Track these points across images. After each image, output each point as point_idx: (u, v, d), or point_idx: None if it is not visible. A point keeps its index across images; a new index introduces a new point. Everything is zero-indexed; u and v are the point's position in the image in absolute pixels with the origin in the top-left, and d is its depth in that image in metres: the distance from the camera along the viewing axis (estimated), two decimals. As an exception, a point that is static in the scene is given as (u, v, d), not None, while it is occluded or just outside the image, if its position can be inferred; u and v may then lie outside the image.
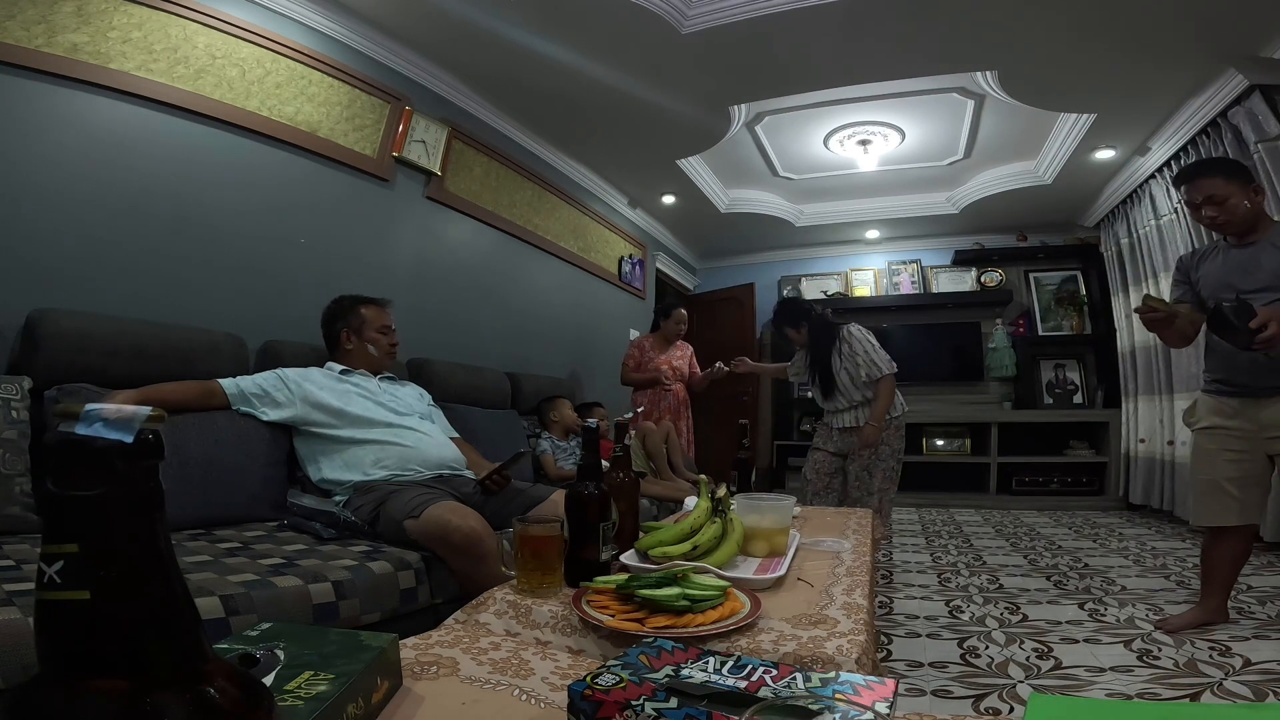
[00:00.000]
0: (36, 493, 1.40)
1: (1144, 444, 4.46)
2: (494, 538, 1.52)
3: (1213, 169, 1.97)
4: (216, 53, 2.24)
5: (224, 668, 0.34)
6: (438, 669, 0.72)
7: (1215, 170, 1.96)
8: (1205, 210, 1.93)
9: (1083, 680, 1.62)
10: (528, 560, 1.00)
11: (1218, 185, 1.91)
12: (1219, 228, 1.95)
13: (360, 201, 2.78)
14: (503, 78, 3.24)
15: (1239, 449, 1.93)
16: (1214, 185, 1.91)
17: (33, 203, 1.79)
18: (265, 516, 1.76)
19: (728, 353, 5.97)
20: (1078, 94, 3.42)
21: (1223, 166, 2.00)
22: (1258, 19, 2.70)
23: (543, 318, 3.99)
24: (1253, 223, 1.92)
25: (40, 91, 1.82)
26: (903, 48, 3.03)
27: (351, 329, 2.06)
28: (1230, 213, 1.90)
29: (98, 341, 1.67)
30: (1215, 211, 1.91)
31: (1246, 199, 1.90)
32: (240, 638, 0.62)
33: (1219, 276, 1.95)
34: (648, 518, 2.17)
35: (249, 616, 1.10)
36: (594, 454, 1.11)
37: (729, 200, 5.19)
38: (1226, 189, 1.90)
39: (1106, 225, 4.90)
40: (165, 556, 0.33)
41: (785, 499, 1.36)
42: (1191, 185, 1.96)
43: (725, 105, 3.61)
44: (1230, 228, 1.93)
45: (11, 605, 0.91)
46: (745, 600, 0.92)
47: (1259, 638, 1.88)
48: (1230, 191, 1.90)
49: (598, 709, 0.51)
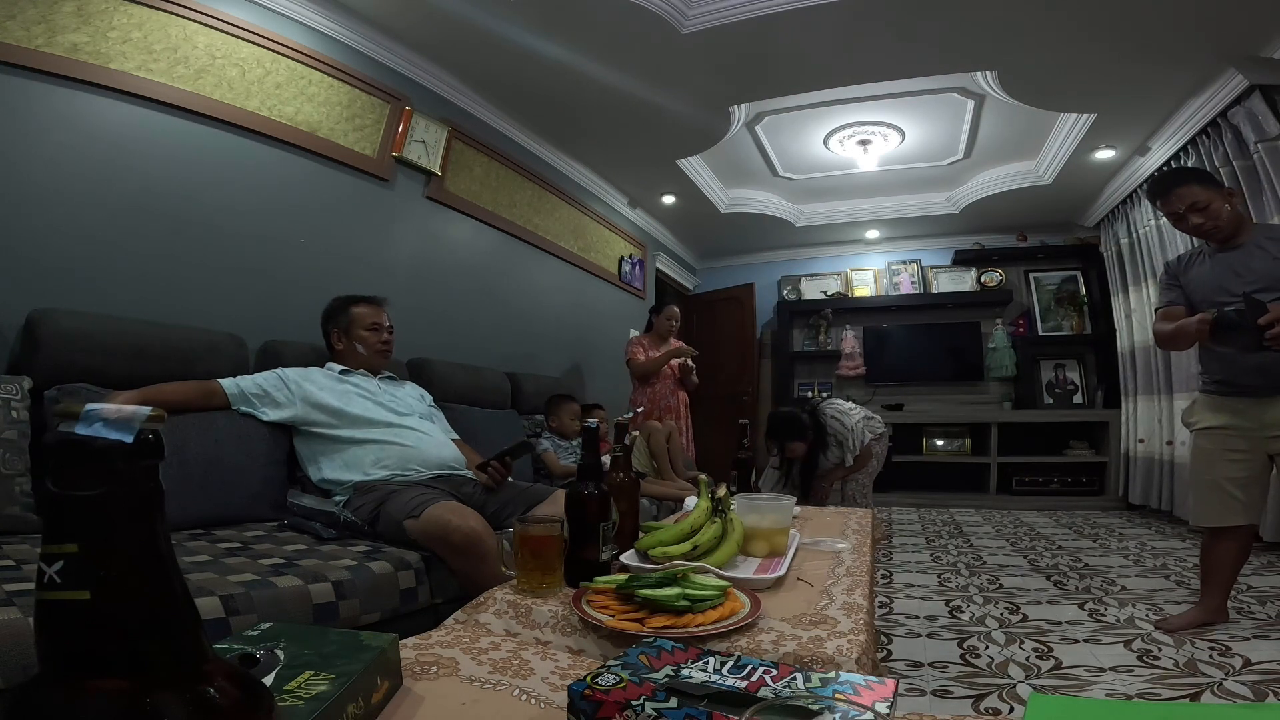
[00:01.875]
0: (36, 493, 1.40)
1: (1143, 444, 4.46)
2: (494, 538, 1.52)
3: (1187, 178, 1.98)
4: (216, 53, 2.24)
5: (224, 668, 0.34)
6: (438, 669, 0.72)
7: (1190, 179, 1.97)
8: (1192, 218, 1.93)
9: (1083, 680, 1.62)
10: (528, 560, 1.00)
11: (1196, 193, 1.91)
12: (1208, 234, 1.95)
13: (360, 201, 2.78)
14: (503, 78, 3.24)
15: (1240, 449, 1.93)
16: (1193, 193, 1.92)
17: (33, 203, 1.79)
18: (265, 516, 1.76)
19: (728, 352, 6.04)
20: (1078, 94, 3.42)
21: (1196, 175, 2.01)
22: (1258, 19, 2.70)
23: (543, 318, 3.99)
24: (1237, 226, 1.93)
25: (40, 91, 1.82)
26: (903, 48, 3.03)
27: (340, 328, 2.06)
28: (1216, 217, 1.91)
29: (98, 341, 1.67)
30: (1202, 218, 1.92)
31: (1226, 202, 1.92)
32: (240, 638, 0.62)
33: (1210, 281, 1.95)
34: (648, 518, 2.18)
35: (249, 616, 1.10)
36: (594, 454, 1.11)
37: (729, 200, 5.19)
38: (1206, 195, 1.91)
39: (1106, 225, 4.90)
40: (165, 556, 0.33)
41: (785, 499, 1.36)
42: (1170, 196, 1.96)
43: (725, 105, 3.61)
44: (1219, 233, 1.93)
45: (11, 605, 0.91)
46: (745, 600, 0.92)
47: (1259, 638, 1.88)
48: (1210, 197, 1.91)
49: (598, 709, 0.51)
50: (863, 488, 3.34)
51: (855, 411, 3.21)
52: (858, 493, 3.32)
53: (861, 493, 3.33)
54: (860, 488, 3.33)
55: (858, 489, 3.32)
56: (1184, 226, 1.99)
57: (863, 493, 3.33)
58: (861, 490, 3.33)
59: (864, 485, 3.34)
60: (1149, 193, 2.11)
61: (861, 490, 3.33)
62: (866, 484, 3.36)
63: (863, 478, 3.30)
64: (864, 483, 3.34)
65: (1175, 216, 1.98)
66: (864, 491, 3.34)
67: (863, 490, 3.33)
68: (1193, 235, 2.03)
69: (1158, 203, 2.04)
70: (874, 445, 3.20)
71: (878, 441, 3.24)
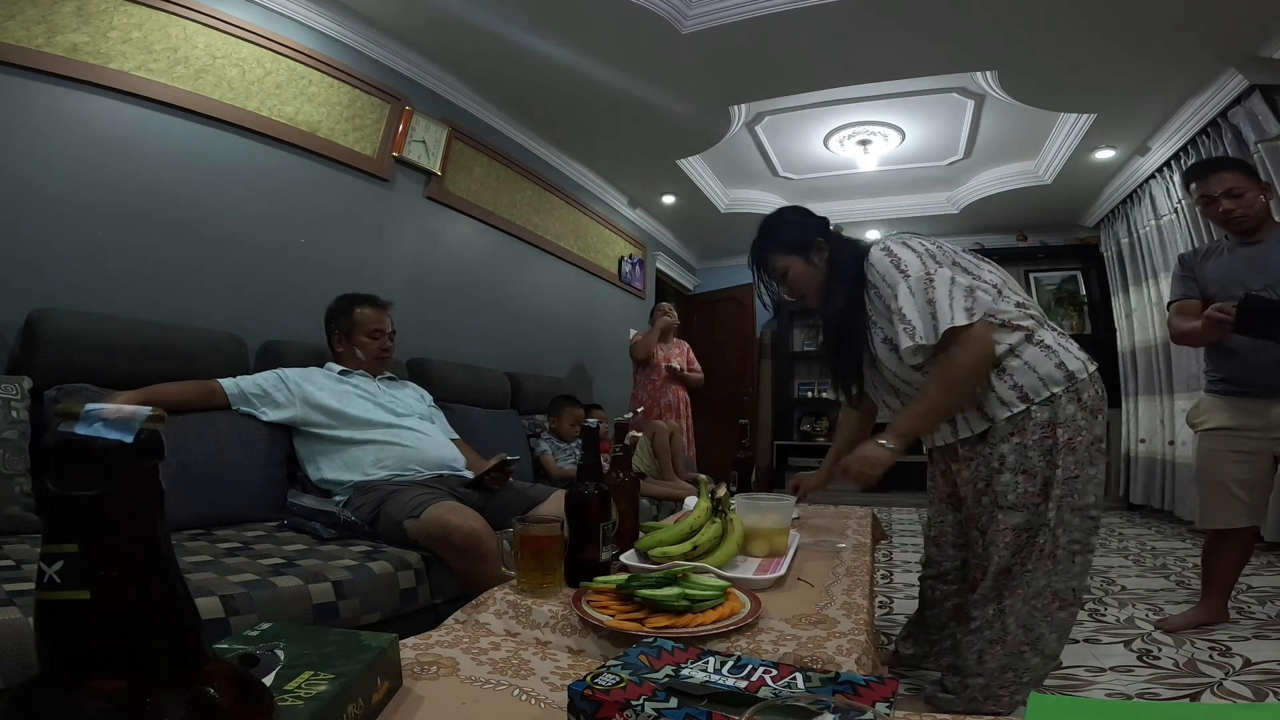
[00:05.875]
0: (36, 493, 1.39)
1: (1144, 444, 4.46)
2: (494, 538, 1.52)
3: (1230, 164, 2.00)
4: (216, 53, 2.24)
5: (224, 668, 0.34)
6: (438, 669, 0.72)
7: (1233, 165, 1.99)
8: (1224, 203, 1.93)
9: (1083, 680, 1.62)
10: (528, 560, 1.00)
11: (1237, 179, 1.92)
12: (1234, 221, 1.94)
13: (360, 201, 2.78)
14: (503, 78, 3.24)
15: (1246, 450, 1.92)
16: (1234, 179, 1.92)
17: (33, 203, 1.79)
18: (265, 516, 1.76)
19: (728, 352, 6.03)
20: (1078, 94, 3.42)
21: (1238, 163, 2.03)
22: (1258, 19, 2.70)
23: (543, 318, 3.99)
24: (1261, 220, 1.93)
25: (40, 91, 1.82)
26: (903, 48, 3.03)
27: (343, 332, 2.06)
28: (1248, 206, 1.91)
29: (98, 341, 1.67)
30: (1234, 204, 1.91)
31: (1261, 194, 1.93)
32: (240, 638, 0.62)
33: (1227, 274, 1.94)
34: (648, 518, 2.17)
35: (249, 616, 1.10)
36: (594, 454, 1.11)
37: (729, 200, 5.19)
38: (1244, 183, 1.92)
39: (1106, 225, 4.90)
40: (165, 556, 0.33)
41: (785, 499, 1.37)
42: (1211, 178, 1.96)
43: (725, 105, 3.61)
44: (1246, 222, 1.93)
45: (11, 605, 0.91)
46: (745, 600, 0.92)
47: (1259, 638, 1.88)
48: (1248, 186, 1.92)
49: (598, 709, 0.51)
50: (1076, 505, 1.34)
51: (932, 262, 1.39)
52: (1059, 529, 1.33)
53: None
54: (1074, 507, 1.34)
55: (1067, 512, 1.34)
56: (1213, 211, 1.98)
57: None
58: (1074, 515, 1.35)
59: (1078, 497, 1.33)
60: (1186, 174, 2.10)
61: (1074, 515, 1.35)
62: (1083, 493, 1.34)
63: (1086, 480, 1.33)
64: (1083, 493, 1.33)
65: (1208, 200, 1.97)
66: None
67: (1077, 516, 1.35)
68: (1219, 221, 2.01)
69: (1192, 185, 2.03)
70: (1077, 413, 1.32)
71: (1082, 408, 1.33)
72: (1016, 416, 1.32)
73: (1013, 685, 1.31)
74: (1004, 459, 1.33)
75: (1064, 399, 1.31)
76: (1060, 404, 1.31)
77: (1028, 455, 1.31)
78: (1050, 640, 1.32)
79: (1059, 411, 1.30)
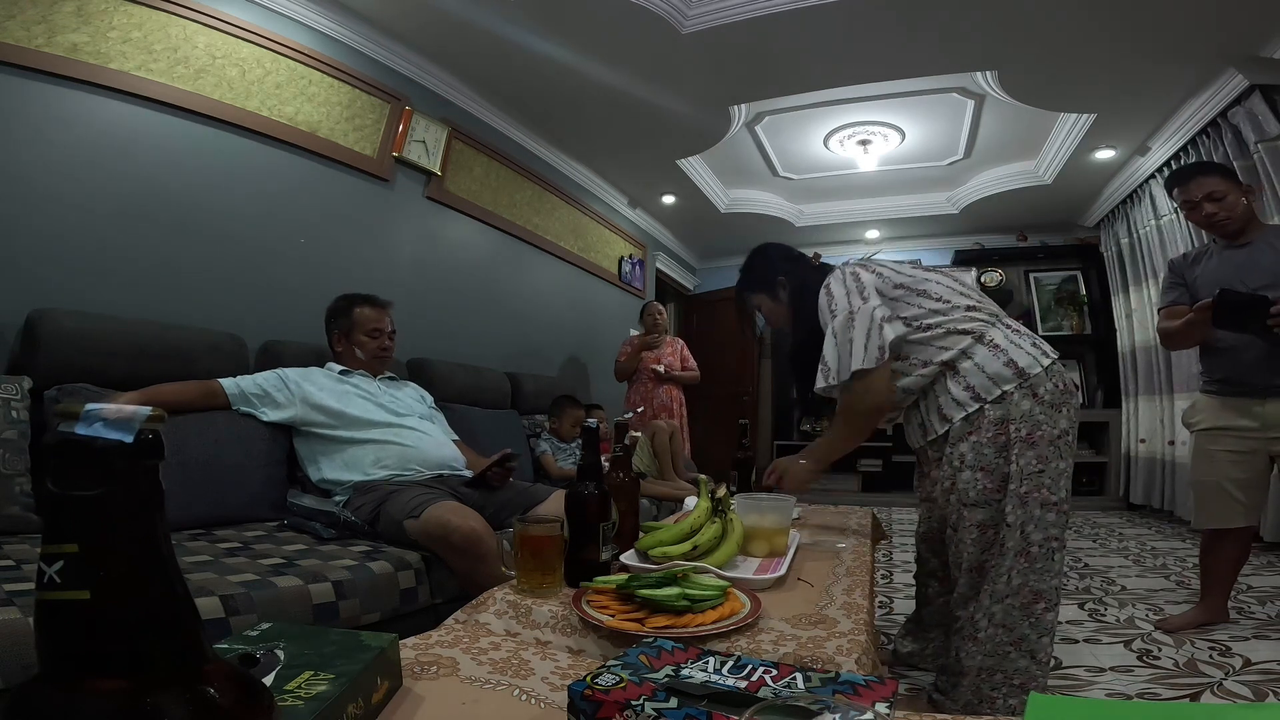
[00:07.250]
0: (36, 493, 1.39)
1: (1144, 444, 4.46)
2: (494, 538, 1.52)
3: (1210, 169, 2.02)
4: (216, 53, 2.24)
5: (224, 668, 0.34)
6: (438, 669, 0.72)
7: (1213, 170, 2.01)
8: (1206, 207, 1.95)
9: (1083, 680, 1.62)
10: (528, 560, 1.00)
11: (1217, 183, 1.95)
12: (1219, 225, 1.96)
13: (360, 201, 2.78)
14: (503, 78, 3.24)
15: (1242, 450, 1.93)
16: (1214, 183, 1.95)
17: (33, 202, 1.79)
18: (265, 516, 1.76)
19: (728, 352, 6.03)
20: (1078, 94, 3.42)
21: (1218, 168, 2.06)
22: (1258, 19, 2.70)
23: (543, 318, 3.99)
24: (1246, 223, 1.95)
25: (40, 91, 1.82)
26: (902, 47, 3.03)
27: (342, 331, 2.06)
28: (1230, 209, 1.93)
29: (98, 341, 1.67)
30: (1216, 208, 1.94)
31: (1243, 197, 1.95)
32: (240, 638, 0.62)
33: (1217, 278, 1.95)
34: (648, 518, 2.17)
35: (249, 616, 1.10)
36: (594, 454, 1.11)
37: (729, 200, 5.19)
38: (1225, 186, 1.94)
39: (1106, 225, 4.90)
40: (165, 556, 0.33)
41: (785, 499, 1.36)
42: (1191, 184, 1.98)
43: (725, 105, 3.61)
44: (1230, 225, 1.95)
45: (11, 605, 0.91)
46: (745, 600, 0.92)
47: (1259, 638, 1.88)
48: (1228, 189, 1.94)
49: (598, 709, 0.51)
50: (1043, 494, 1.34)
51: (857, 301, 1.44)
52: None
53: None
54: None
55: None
56: (1196, 215, 2.00)
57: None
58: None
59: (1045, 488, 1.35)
60: (1168, 181, 2.13)
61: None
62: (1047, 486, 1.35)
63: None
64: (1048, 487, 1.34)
65: (1189, 205, 2.00)
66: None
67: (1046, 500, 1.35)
68: (1202, 225, 2.03)
69: (1174, 191, 2.05)
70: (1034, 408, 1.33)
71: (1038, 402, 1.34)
72: (971, 416, 1.37)
73: (1004, 687, 1.31)
74: (964, 457, 1.37)
75: (1016, 396, 1.33)
76: (1013, 401, 1.33)
77: (983, 453, 1.35)
78: (1035, 641, 1.32)
79: (1011, 409, 1.33)
